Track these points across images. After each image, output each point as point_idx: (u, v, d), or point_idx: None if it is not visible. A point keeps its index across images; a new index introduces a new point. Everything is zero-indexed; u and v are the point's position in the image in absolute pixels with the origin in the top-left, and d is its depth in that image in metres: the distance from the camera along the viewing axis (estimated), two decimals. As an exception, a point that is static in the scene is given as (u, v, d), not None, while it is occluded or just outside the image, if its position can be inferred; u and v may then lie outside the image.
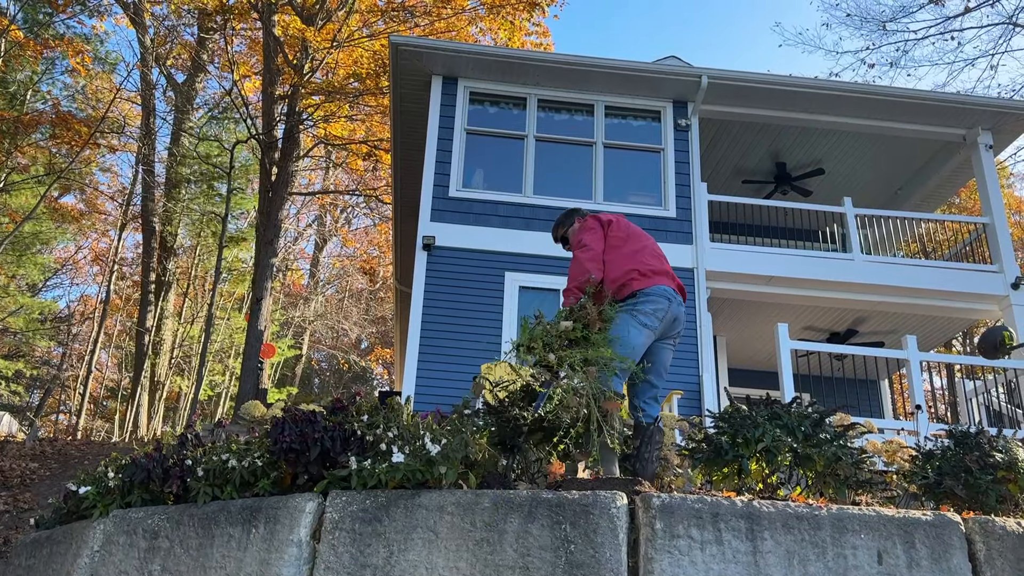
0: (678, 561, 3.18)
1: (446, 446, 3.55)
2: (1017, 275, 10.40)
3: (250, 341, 14.99)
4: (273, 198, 16.31)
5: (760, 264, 10.31)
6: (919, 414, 7.92)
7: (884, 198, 13.13)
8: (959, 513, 3.63)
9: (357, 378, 34.66)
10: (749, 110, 10.98)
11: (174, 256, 23.51)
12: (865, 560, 3.24)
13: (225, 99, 21.32)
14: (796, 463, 4.20)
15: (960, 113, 10.95)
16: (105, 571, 3.88)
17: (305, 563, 3.44)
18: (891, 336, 12.17)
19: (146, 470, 4.04)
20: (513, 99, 10.86)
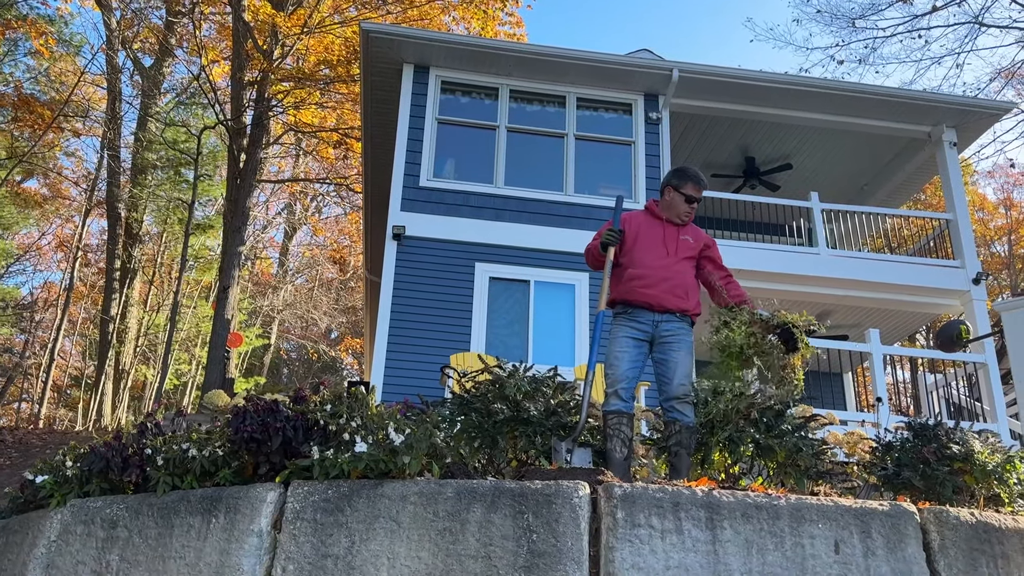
0: (638, 550, 3.20)
1: (410, 436, 3.54)
2: (978, 271, 10.59)
3: (217, 330, 14.83)
4: (241, 185, 16.12)
5: (727, 257, 10.20)
6: (880, 406, 8.05)
7: (851, 193, 13.30)
8: (917, 504, 3.69)
9: (327, 368, 34.45)
10: (719, 104, 11.05)
11: (140, 243, 23.15)
12: (822, 550, 3.28)
13: (193, 84, 21.00)
14: (758, 454, 4.26)
15: (926, 111, 11.11)
16: (62, 561, 3.82)
17: (266, 553, 3.41)
18: (855, 330, 12.34)
19: (105, 459, 3.98)
20: (485, 89, 10.82)
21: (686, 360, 4.41)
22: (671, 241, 4.62)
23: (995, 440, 5.24)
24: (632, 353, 4.45)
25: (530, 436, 4.45)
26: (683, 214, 4.66)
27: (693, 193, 4.62)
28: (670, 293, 4.47)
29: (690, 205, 4.64)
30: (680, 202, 4.64)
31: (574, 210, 10.21)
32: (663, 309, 4.47)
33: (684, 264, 4.59)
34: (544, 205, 10.28)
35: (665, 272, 4.52)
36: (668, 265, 4.54)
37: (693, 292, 4.58)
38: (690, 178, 4.64)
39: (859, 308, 11.57)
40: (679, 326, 4.48)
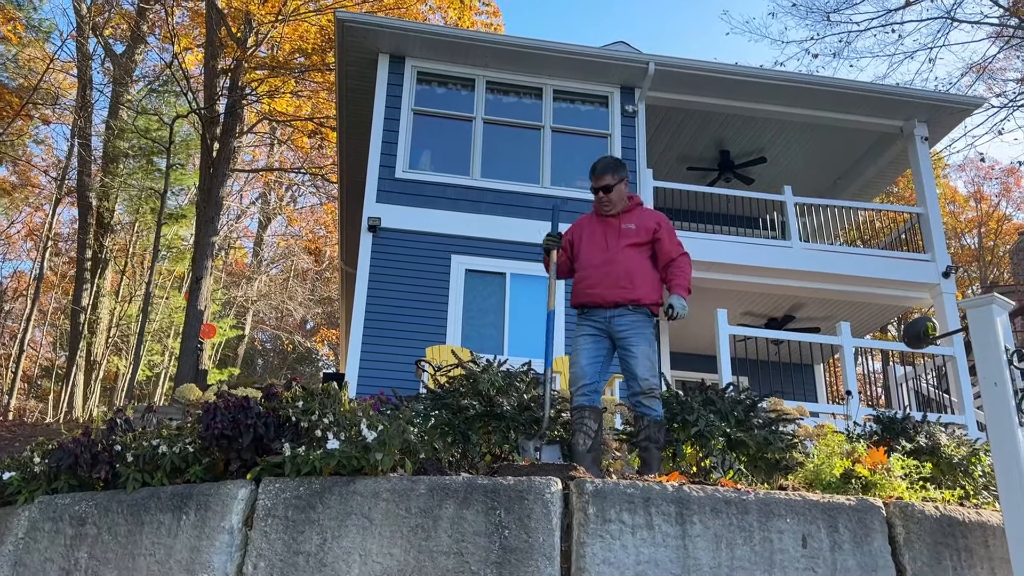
0: (609, 545, 3.22)
1: (383, 432, 3.54)
2: (948, 264, 10.74)
3: (189, 321, 14.70)
4: (215, 174, 15.96)
5: (702, 250, 10.44)
6: (850, 399, 8.15)
7: (824, 187, 13.42)
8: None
9: (302, 359, 34.27)
10: (695, 98, 11.09)
11: (111, 233, 22.85)
12: (790, 544, 3.33)
13: (165, 72, 20.72)
14: (729, 447, 4.30)
15: (898, 105, 11.22)
16: (30, 559, 3.78)
17: (237, 550, 3.40)
18: (827, 322, 12.47)
19: (73, 455, 3.94)
20: (462, 80, 10.78)
21: (647, 353, 4.38)
22: (611, 234, 4.62)
23: (962, 433, 5.34)
24: (590, 351, 4.48)
25: (503, 431, 4.47)
26: (600, 205, 4.70)
27: (593, 184, 4.66)
28: (613, 286, 4.47)
29: (597, 195, 4.67)
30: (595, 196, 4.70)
31: (551, 202, 10.18)
32: (610, 304, 4.47)
33: (628, 252, 4.54)
34: (521, 197, 10.27)
35: (606, 267, 4.53)
36: (609, 259, 4.54)
37: (641, 278, 4.50)
38: (590, 171, 4.71)
39: (831, 301, 11.70)
40: (633, 319, 4.44)
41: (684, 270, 4.53)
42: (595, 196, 4.68)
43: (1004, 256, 29.02)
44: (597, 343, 4.50)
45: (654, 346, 4.43)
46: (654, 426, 4.29)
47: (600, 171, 4.64)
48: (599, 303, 4.49)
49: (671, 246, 4.58)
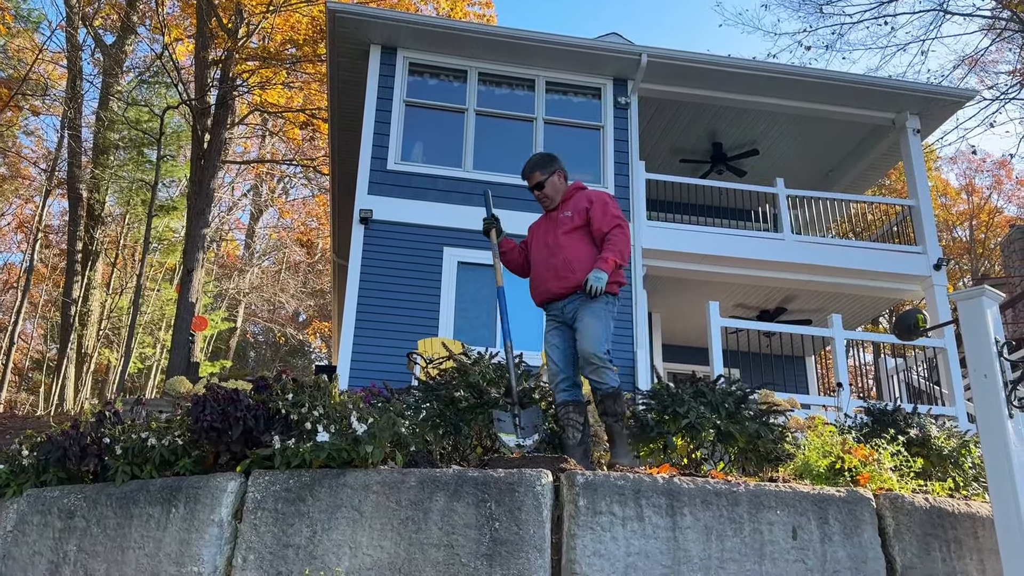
0: (600, 537, 3.22)
1: (373, 425, 3.53)
2: (939, 256, 10.77)
3: (181, 313, 14.64)
4: (206, 166, 15.88)
5: (695, 243, 10.46)
6: (841, 391, 8.18)
7: (816, 179, 13.43)
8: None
9: (295, 351, 34.22)
10: (688, 90, 11.07)
11: (102, 225, 22.72)
12: (780, 536, 3.33)
13: (156, 63, 20.58)
14: (719, 439, 4.30)
15: (890, 98, 11.23)
16: (18, 552, 3.76)
17: (227, 543, 3.39)
18: (819, 314, 12.51)
19: (62, 448, 3.92)
20: (454, 72, 10.74)
21: (592, 324, 4.31)
22: (551, 228, 4.64)
23: (952, 424, 5.36)
24: (559, 346, 4.51)
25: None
26: (540, 203, 4.73)
27: (528, 185, 4.71)
28: (555, 278, 4.49)
29: (534, 195, 4.71)
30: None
31: (542, 194, 10.18)
32: (559, 295, 4.50)
33: (566, 239, 4.53)
34: (513, 189, 10.22)
35: (548, 261, 4.56)
36: (550, 253, 4.57)
37: (579, 263, 4.45)
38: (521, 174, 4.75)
39: (823, 293, 11.72)
40: (583, 300, 4.41)
41: (614, 242, 4.43)
42: (534, 196, 4.72)
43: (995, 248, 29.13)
44: (563, 336, 4.52)
45: (605, 320, 4.36)
46: (608, 399, 4.26)
47: (529, 170, 4.70)
48: (550, 297, 4.54)
49: (602, 221, 4.50)
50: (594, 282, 4.28)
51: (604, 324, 4.35)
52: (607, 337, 4.35)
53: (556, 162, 4.73)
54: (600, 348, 4.26)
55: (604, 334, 4.32)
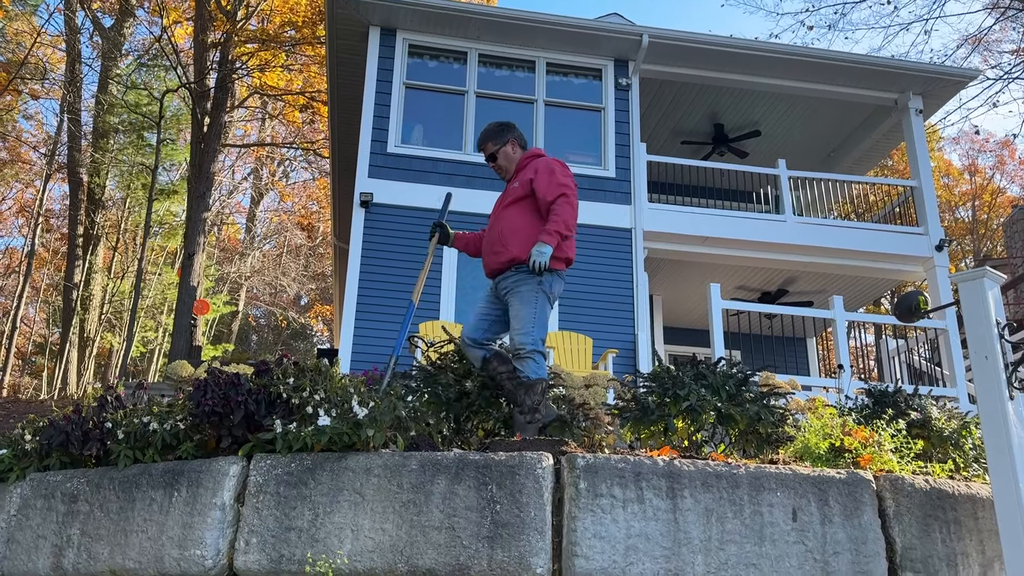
0: (600, 520, 3.24)
1: (374, 409, 3.53)
2: (941, 237, 10.75)
3: (182, 297, 14.66)
4: (206, 150, 15.83)
5: (696, 225, 10.44)
6: (842, 373, 8.18)
7: (818, 160, 13.38)
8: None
9: (296, 335, 34.28)
10: (689, 70, 11.01)
11: (103, 209, 22.71)
12: (781, 517, 3.34)
13: (155, 46, 20.48)
14: (720, 422, 4.30)
15: (893, 77, 11.16)
16: (22, 535, 3.79)
17: (229, 526, 3.41)
18: (820, 296, 12.50)
19: (64, 433, 3.93)
20: (453, 53, 10.68)
21: (521, 311, 4.16)
22: (500, 200, 4.50)
23: (953, 406, 5.36)
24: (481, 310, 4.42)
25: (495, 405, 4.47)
26: (496, 173, 4.60)
27: (484, 157, 4.58)
28: (489, 252, 4.35)
29: (490, 166, 4.58)
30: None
31: (543, 177, 10.15)
32: (494, 272, 4.35)
33: (505, 213, 4.36)
34: (513, 172, 10.21)
35: (488, 235, 4.43)
36: (491, 227, 4.43)
37: (514, 236, 4.25)
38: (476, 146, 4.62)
39: (824, 275, 11.71)
40: (515, 279, 4.24)
41: (558, 213, 4.17)
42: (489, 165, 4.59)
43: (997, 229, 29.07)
44: (491, 305, 4.40)
45: (534, 305, 4.16)
46: (521, 389, 4.10)
47: (482, 141, 4.54)
48: (489, 273, 4.40)
49: (546, 190, 4.22)
50: (536, 257, 4.05)
51: (533, 308, 4.15)
52: (539, 322, 4.16)
53: (510, 131, 4.53)
54: (525, 336, 4.11)
55: (532, 320, 4.13)
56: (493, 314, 4.39)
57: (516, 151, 4.52)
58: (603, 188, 10.26)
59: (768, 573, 3.25)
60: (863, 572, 3.32)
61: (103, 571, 3.54)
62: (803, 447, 4.11)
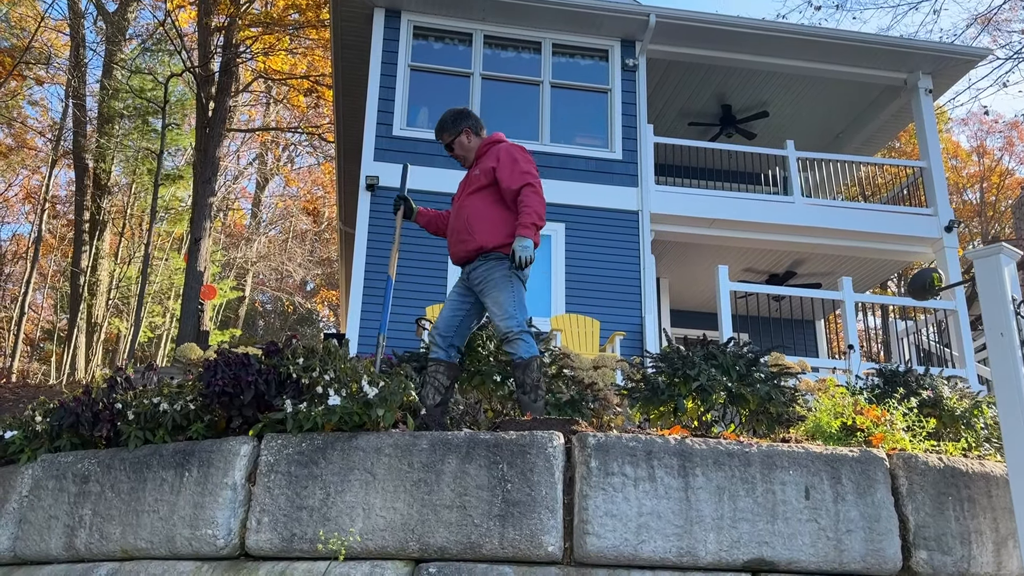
0: (612, 498, 3.23)
1: (384, 389, 3.52)
2: (950, 218, 10.67)
3: (189, 283, 14.68)
4: (210, 134, 15.80)
5: (703, 207, 10.38)
6: (851, 354, 8.15)
7: (826, 141, 13.28)
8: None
9: (303, 320, 34.33)
10: (696, 51, 10.91)
11: (109, 194, 22.71)
12: (793, 495, 3.33)
13: (159, 30, 20.41)
14: (730, 402, 4.29)
15: (902, 57, 11.05)
16: (34, 516, 3.80)
17: (240, 506, 3.41)
18: (828, 278, 12.44)
19: (74, 414, 3.93)
20: (459, 35, 10.60)
21: (499, 298, 4.17)
22: (462, 187, 4.51)
23: (963, 386, 5.34)
24: (454, 304, 4.39)
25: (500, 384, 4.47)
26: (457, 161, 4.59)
27: (440, 142, 4.57)
28: (457, 242, 4.36)
29: (448, 152, 4.58)
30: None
31: (550, 160, 10.11)
32: (462, 260, 4.37)
33: (468, 201, 4.36)
34: (519, 154, 10.16)
35: (453, 224, 4.44)
36: (456, 215, 4.44)
37: (480, 223, 4.29)
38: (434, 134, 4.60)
39: (832, 256, 11.65)
40: (485, 268, 4.25)
41: (528, 204, 4.19)
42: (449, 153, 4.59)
43: (1006, 211, 28.91)
44: (463, 298, 4.40)
45: (510, 289, 4.18)
46: (519, 369, 4.13)
47: (439, 131, 4.55)
48: (456, 262, 4.42)
49: (509, 179, 4.24)
50: (520, 252, 4.08)
51: (510, 292, 4.19)
52: (518, 305, 4.19)
53: (464, 120, 4.53)
54: (510, 320, 4.14)
55: (512, 303, 4.17)
56: (466, 306, 4.41)
57: (472, 139, 4.54)
58: (610, 170, 10.21)
59: (780, 551, 3.24)
60: (876, 550, 3.31)
61: (115, 551, 3.55)
62: (814, 426, 4.09)
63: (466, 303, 4.39)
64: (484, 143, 4.52)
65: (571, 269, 9.71)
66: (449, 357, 4.31)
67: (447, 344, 4.32)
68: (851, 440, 3.92)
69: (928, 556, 3.37)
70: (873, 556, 3.30)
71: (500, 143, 4.48)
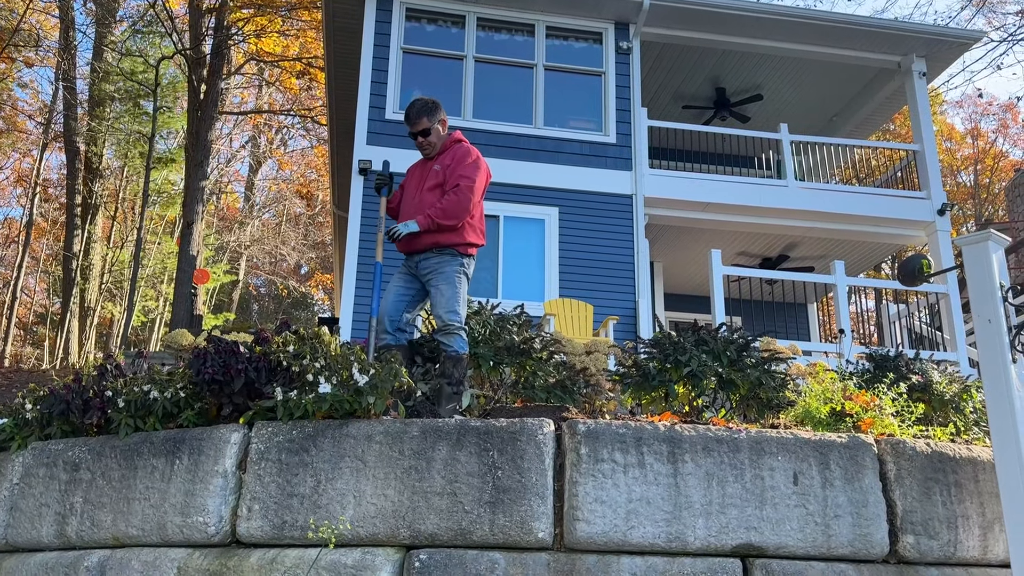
0: (601, 484, 3.24)
1: (375, 376, 3.53)
2: (943, 202, 10.68)
3: (182, 267, 14.63)
4: (202, 117, 15.70)
5: (697, 190, 10.37)
6: (843, 338, 8.18)
7: (820, 125, 13.26)
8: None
9: (297, 304, 34.30)
10: (691, 33, 10.85)
11: (101, 178, 22.56)
12: (782, 481, 3.35)
13: (149, 11, 20.21)
14: (721, 387, 4.30)
15: (896, 40, 11.01)
16: (25, 504, 3.80)
17: (231, 493, 3.42)
18: (821, 261, 12.46)
19: (65, 402, 3.93)
20: (452, 17, 10.52)
21: (447, 292, 4.36)
22: (422, 179, 4.61)
23: (954, 370, 5.36)
24: (399, 289, 4.53)
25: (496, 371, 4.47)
26: (421, 149, 4.66)
27: (411, 130, 4.61)
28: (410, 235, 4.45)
29: (417, 141, 4.63)
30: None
31: (544, 143, 10.08)
32: (410, 251, 4.50)
33: (428, 195, 4.50)
34: (513, 139, 10.13)
35: (408, 214, 4.54)
36: (414, 208, 4.53)
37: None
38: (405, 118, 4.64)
39: (826, 240, 11.66)
40: (436, 261, 4.43)
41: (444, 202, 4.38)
42: (415, 142, 4.64)
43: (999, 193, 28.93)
44: (408, 283, 4.56)
45: (456, 285, 4.39)
46: (449, 362, 4.31)
47: (416, 115, 4.58)
48: (405, 250, 4.53)
49: (453, 179, 4.45)
50: (399, 227, 4.38)
51: (456, 288, 4.37)
52: (462, 302, 4.39)
53: (441, 110, 4.65)
54: (453, 314, 4.32)
55: (456, 298, 4.36)
56: (410, 293, 4.56)
57: (443, 132, 4.65)
58: (604, 154, 10.19)
59: (769, 536, 3.27)
60: (864, 535, 3.34)
61: (106, 538, 3.56)
62: (804, 412, 4.11)
63: (411, 289, 4.55)
64: (450, 139, 4.65)
65: (565, 253, 9.71)
66: (398, 341, 4.48)
67: (395, 328, 4.49)
68: (840, 425, 3.94)
69: (915, 541, 3.40)
70: (861, 541, 3.33)
71: (463, 142, 4.66)
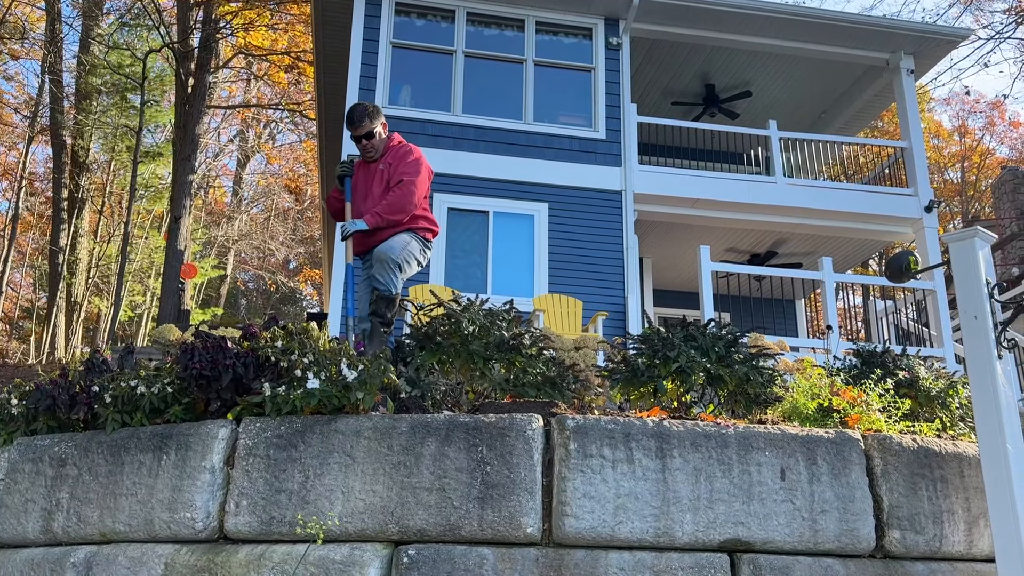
0: (590, 479, 3.25)
1: (363, 372, 3.52)
2: (930, 198, 10.74)
3: (170, 261, 14.56)
4: (190, 111, 15.61)
5: (686, 186, 10.39)
6: (830, 333, 8.22)
7: (808, 122, 13.30)
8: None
9: (286, 299, 34.19)
10: (681, 29, 10.87)
11: (87, 172, 22.40)
12: (769, 476, 3.37)
13: (137, 4, 20.06)
14: (709, 383, 4.31)
15: (884, 37, 11.06)
16: (11, 500, 3.78)
17: (219, 489, 3.40)
18: (809, 257, 12.51)
19: (51, 397, 3.90)
20: (441, 11, 10.49)
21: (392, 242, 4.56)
22: (369, 180, 4.74)
23: (940, 365, 5.39)
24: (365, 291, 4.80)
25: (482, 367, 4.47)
26: (363, 152, 4.77)
27: (354, 134, 4.70)
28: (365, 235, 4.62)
29: (360, 144, 4.72)
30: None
31: (533, 139, 10.07)
32: (364, 252, 4.72)
33: (376, 195, 4.67)
34: (503, 134, 10.12)
35: (357, 215, 4.69)
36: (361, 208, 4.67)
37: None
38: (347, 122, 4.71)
39: (814, 236, 11.71)
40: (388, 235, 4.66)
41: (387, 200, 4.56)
42: (357, 145, 4.73)
43: (986, 191, 29.11)
44: (367, 284, 4.79)
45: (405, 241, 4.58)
46: (382, 301, 4.58)
47: (359, 119, 4.66)
48: (358, 252, 4.76)
49: (396, 175, 4.63)
50: (347, 226, 4.59)
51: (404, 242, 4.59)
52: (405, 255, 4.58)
53: (381, 113, 4.78)
54: (395, 252, 4.51)
55: (401, 250, 4.56)
56: (369, 290, 4.77)
57: (385, 133, 4.80)
58: (593, 150, 10.19)
59: (756, 531, 3.28)
60: (850, 530, 3.36)
61: (93, 534, 3.54)
62: (792, 407, 4.13)
63: (370, 287, 4.75)
64: (390, 142, 4.79)
65: (554, 249, 9.71)
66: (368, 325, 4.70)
67: (359, 328, 4.70)
68: (827, 421, 3.96)
69: (901, 536, 3.42)
70: (847, 536, 3.35)
71: (401, 143, 4.82)
